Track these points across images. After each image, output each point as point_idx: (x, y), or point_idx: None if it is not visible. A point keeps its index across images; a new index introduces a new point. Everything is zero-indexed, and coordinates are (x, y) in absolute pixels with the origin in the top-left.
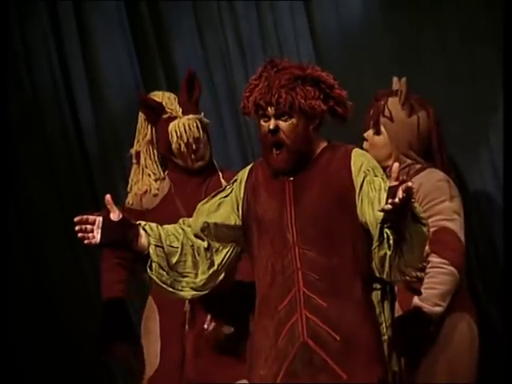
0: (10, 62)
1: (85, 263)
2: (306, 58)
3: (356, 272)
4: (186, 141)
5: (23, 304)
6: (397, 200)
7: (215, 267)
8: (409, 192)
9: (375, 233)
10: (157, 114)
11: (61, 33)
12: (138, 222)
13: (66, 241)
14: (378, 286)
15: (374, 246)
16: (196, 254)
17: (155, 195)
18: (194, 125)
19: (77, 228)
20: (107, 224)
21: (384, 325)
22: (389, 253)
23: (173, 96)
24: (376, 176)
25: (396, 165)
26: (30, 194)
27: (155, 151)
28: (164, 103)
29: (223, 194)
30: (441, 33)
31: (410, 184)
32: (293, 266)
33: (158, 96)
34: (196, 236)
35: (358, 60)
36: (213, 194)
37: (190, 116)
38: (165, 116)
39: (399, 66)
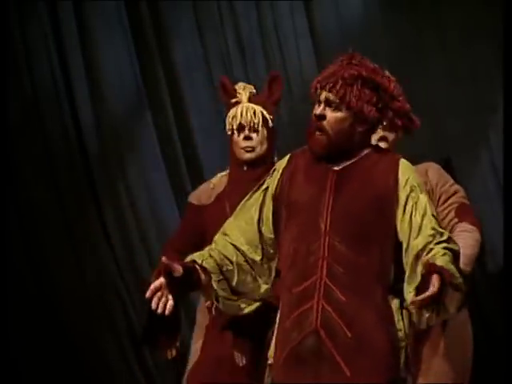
0: (10, 62)
1: (85, 263)
2: (305, 57)
3: (380, 276)
4: (237, 122)
5: (23, 304)
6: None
7: (273, 275)
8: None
9: (408, 260)
10: (229, 99)
11: (61, 32)
12: (195, 263)
13: (66, 241)
14: (397, 295)
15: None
16: (252, 268)
17: (212, 189)
18: (252, 111)
19: (153, 305)
20: (172, 282)
21: (403, 331)
22: (427, 315)
23: (250, 87)
24: (421, 193)
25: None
26: (30, 194)
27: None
28: (236, 89)
29: (263, 187)
30: (440, 33)
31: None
32: (319, 253)
33: (239, 86)
34: (248, 246)
35: None
36: (254, 189)
37: (253, 104)
38: (233, 100)
39: (399, 65)
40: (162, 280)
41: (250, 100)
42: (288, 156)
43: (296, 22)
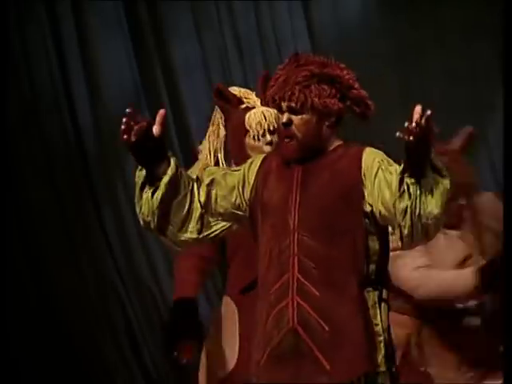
0: (9, 63)
1: (84, 263)
2: None
3: (353, 268)
4: (262, 128)
5: (22, 304)
6: (414, 125)
7: (200, 236)
8: (428, 120)
9: (391, 201)
10: (232, 106)
11: (59, 33)
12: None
13: (64, 241)
14: (376, 287)
15: (393, 201)
16: (192, 212)
17: None
18: (273, 116)
19: (125, 120)
20: (146, 134)
21: (380, 326)
22: (409, 203)
23: (249, 91)
24: (391, 165)
25: (419, 106)
26: (29, 195)
27: (221, 152)
28: (241, 95)
29: (232, 169)
30: (439, 32)
31: (429, 112)
32: (290, 250)
33: (235, 90)
34: (200, 203)
35: (357, 59)
36: (222, 169)
37: (269, 108)
38: (242, 106)
39: (397, 64)
40: (143, 123)
41: (261, 104)
42: (263, 155)
43: (294, 22)
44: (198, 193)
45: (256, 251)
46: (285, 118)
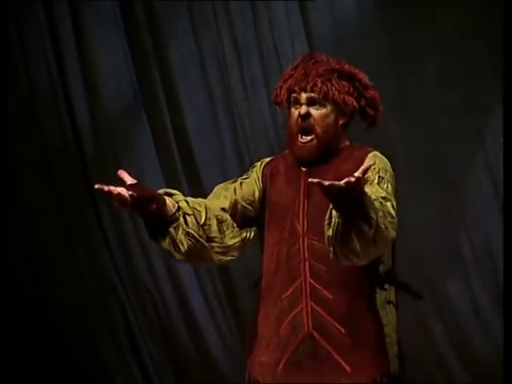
0: (8, 63)
1: (83, 262)
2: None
3: (363, 268)
4: None
5: (21, 303)
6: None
7: (241, 238)
8: (355, 182)
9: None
10: None
11: (57, 33)
12: (167, 194)
13: (63, 240)
14: (384, 287)
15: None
16: (221, 219)
17: None
18: None
19: (107, 189)
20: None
21: (388, 327)
22: (329, 234)
23: None
24: (378, 175)
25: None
26: (27, 194)
27: None
28: None
29: (243, 177)
30: (436, 33)
31: (356, 175)
32: (300, 255)
33: None
34: (225, 211)
35: (353, 60)
36: (231, 181)
37: None
38: None
39: (394, 65)
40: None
41: None
42: (269, 158)
43: (291, 22)
44: (214, 204)
45: (261, 250)
46: (303, 109)
